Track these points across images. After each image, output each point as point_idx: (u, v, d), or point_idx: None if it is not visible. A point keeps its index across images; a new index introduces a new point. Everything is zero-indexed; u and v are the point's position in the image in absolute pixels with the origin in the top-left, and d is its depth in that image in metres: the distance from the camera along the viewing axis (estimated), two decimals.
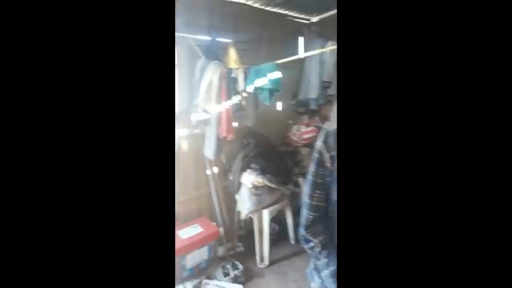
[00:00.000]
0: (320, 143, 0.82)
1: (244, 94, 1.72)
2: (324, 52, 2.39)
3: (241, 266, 1.97)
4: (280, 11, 2.50)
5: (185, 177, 2.09)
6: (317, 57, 2.44)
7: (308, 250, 0.85)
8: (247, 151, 2.19)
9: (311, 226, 0.83)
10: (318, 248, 0.82)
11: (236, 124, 1.89)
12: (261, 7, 2.34)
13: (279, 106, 2.64)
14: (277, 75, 1.63)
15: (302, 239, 0.87)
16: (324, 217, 0.83)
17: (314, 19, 2.73)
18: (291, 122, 2.70)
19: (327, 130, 0.82)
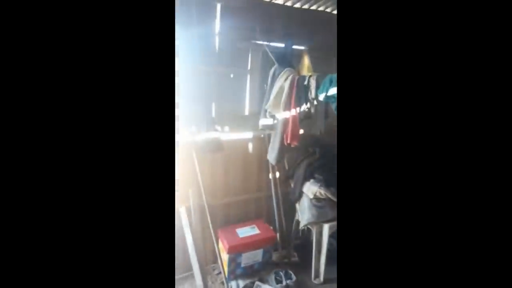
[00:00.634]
0: None
1: (315, 102, 1.69)
2: None
3: (294, 277, 1.92)
4: None
5: (248, 178, 2.17)
6: None
7: None
8: (312, 160, 2.14)
9: None
10: None
11: (302, 131, 1.87)
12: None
13: None
14: None
15: None
16: None
17: None
18: None
19: None
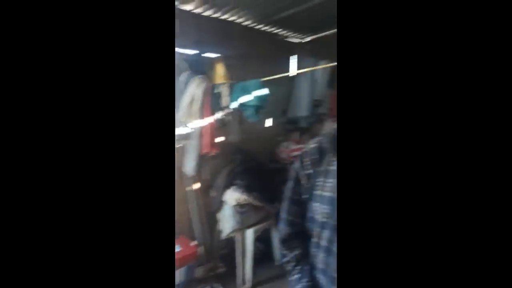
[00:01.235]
0: (298, 162, 0.84)
1: (229, 110, 1.69)
2: (316, 71, 2.38)
3: None
4: (272, 30, 2.52)
5: None
6: (309, 75, 2.43)
7: (284, 265, 0.87)
8: (233, 167, 2.13)
9: (287, 241, 0.86)
10: (293, 263, 0.83)
11: (221, 139, 1.85)
12: (253, 25, 2.35)
13: (269, 123, 2.61)
14: (263, 92, 1.60)
15: (279, 254, 0.88)
16: (300, 233, 0.84)
17: (307, 39, 2.74)
18: (280, 139, 2.66)
19: (306, 149, 0.83)
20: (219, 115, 1.68)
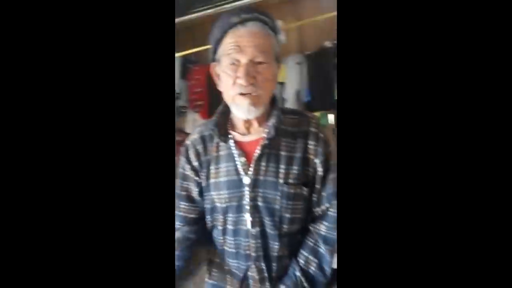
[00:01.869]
0: (183, 157, 0.82)
1: None
2: None
3: None
4: None
5: None
6: None
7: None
8: None
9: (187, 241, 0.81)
10: None
11: None
12: None
13: None
14: None
15: None
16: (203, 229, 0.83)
17: None
18: None
19: (187, 143, 0.81)
20: None
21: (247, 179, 0.72)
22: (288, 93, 2.14)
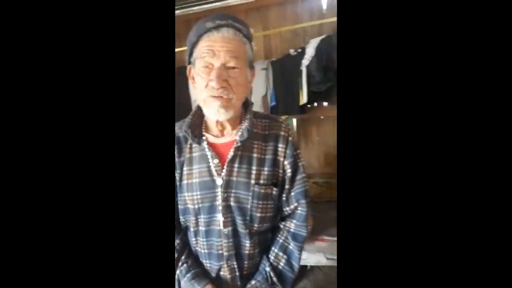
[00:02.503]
0: None
1: None
2: None
3: None
4: None
5: None
6: None
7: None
8: None
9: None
10: (176, 255, 0.81)
11: None
12: None
13: None
14: None
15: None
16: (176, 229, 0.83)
17: None
18: None
19: None
20: None
21: (220, 180, 0.73)
22: (255, 98, 2.19)
